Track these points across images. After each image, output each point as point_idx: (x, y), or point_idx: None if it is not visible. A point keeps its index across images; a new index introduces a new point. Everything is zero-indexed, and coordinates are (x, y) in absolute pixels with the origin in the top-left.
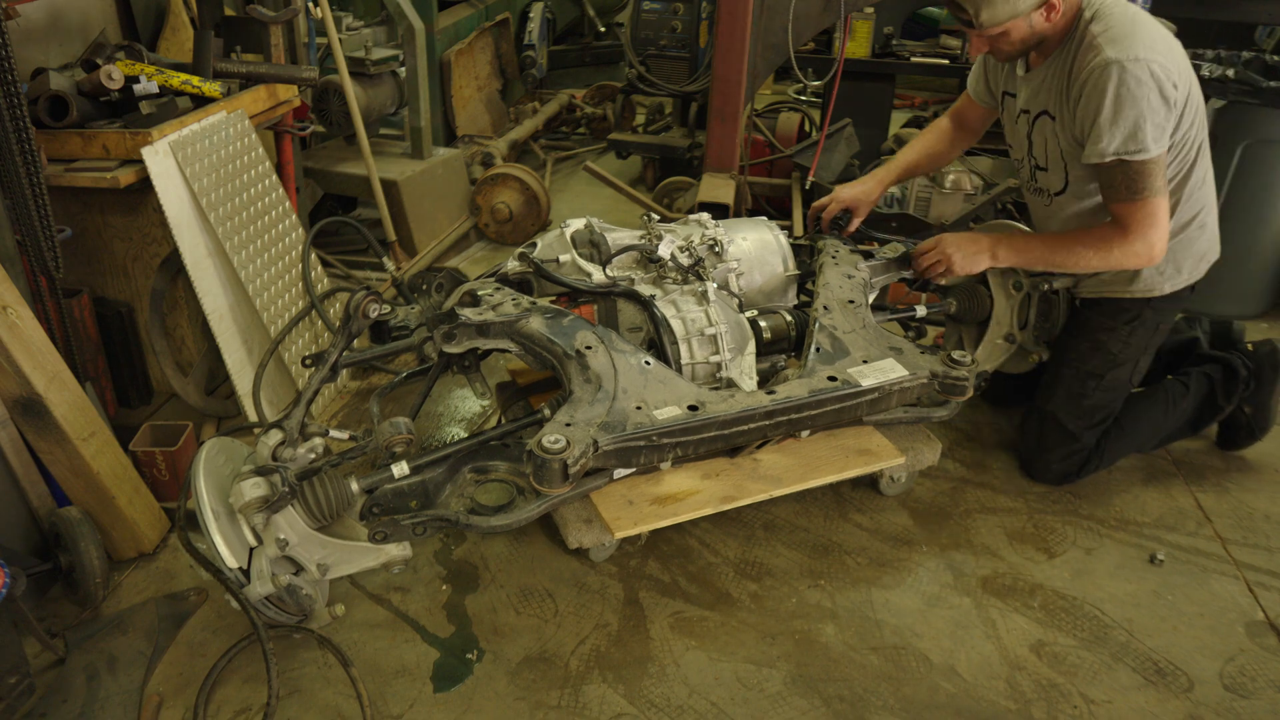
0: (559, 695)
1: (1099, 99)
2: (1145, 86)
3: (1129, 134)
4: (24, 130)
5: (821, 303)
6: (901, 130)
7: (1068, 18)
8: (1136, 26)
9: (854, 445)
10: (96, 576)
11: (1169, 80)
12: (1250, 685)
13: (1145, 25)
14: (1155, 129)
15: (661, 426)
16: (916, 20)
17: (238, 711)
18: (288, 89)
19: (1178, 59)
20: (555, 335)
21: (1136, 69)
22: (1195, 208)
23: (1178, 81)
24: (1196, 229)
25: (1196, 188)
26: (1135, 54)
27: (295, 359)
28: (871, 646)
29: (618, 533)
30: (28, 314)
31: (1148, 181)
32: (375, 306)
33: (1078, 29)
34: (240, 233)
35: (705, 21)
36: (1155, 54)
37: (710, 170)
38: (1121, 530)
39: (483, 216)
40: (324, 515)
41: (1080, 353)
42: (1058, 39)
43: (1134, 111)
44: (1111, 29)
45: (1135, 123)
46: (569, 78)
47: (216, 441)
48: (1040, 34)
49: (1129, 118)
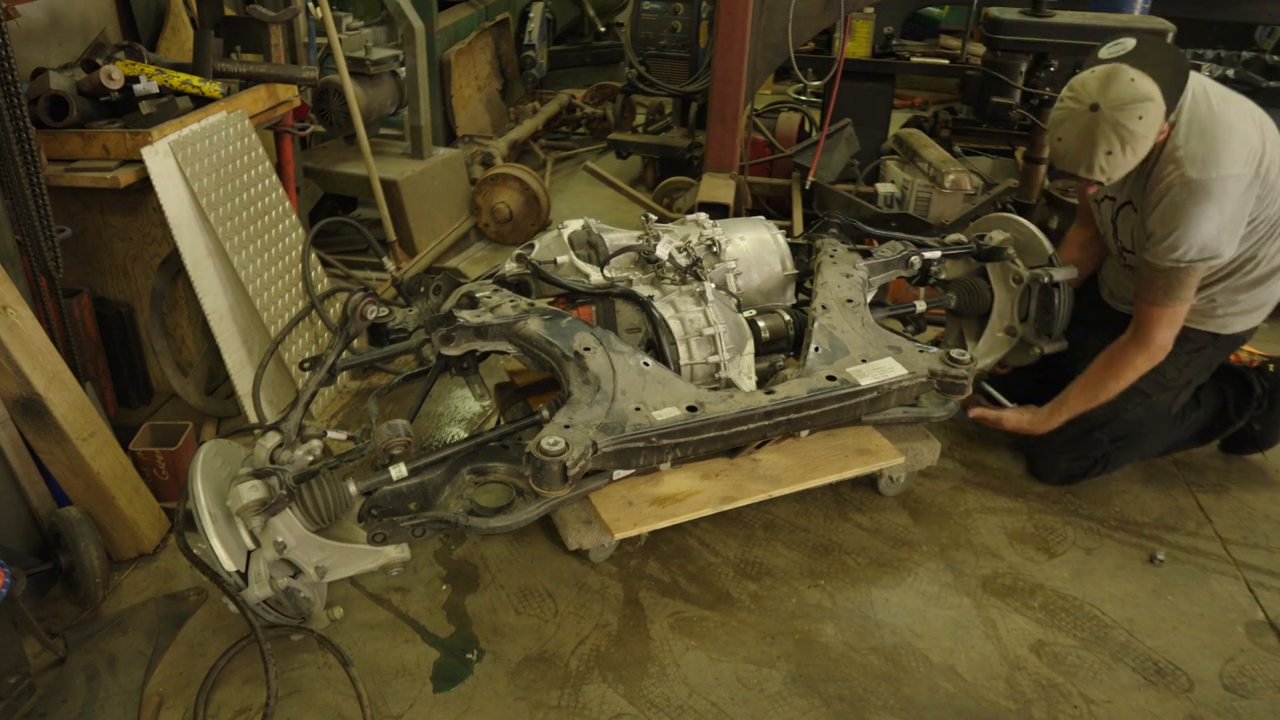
0: (559, 695)
1: (1175, 215)
2: (1222, 201)
3: (1203, 245)
4: (24, 130)
5: (820, 302)
6: (901, 130)
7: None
8: (1216, 140)
9: (853, 445)
10: (96, 576)
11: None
12: (1250, 685)
13: (1225, 133)
14: (1230, 236)
15: (661, 427)
16: (916, 20)
17: (238, 711)
18: (288, 89)
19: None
20: (553, 337)
21: (1216, 187)
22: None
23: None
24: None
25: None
26: (1215, 173)
27: (295, 359)
28: (871, 646)
29: (617, 534)
30: (28, 314)
31: (1185, 290)
32: (373, 308)
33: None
34: (240, 233)
35: (705, 21)
36: (1234, 167)
37: (710, 170)
38: (1121, 530)
39: (483, 216)
40: (322, 518)
41: None
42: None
43: (1210, 225)
44: (1190, 142)
45: (1211, 234)
46: (569, 78)
47: (214, 444)
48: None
49: (1205, 231)
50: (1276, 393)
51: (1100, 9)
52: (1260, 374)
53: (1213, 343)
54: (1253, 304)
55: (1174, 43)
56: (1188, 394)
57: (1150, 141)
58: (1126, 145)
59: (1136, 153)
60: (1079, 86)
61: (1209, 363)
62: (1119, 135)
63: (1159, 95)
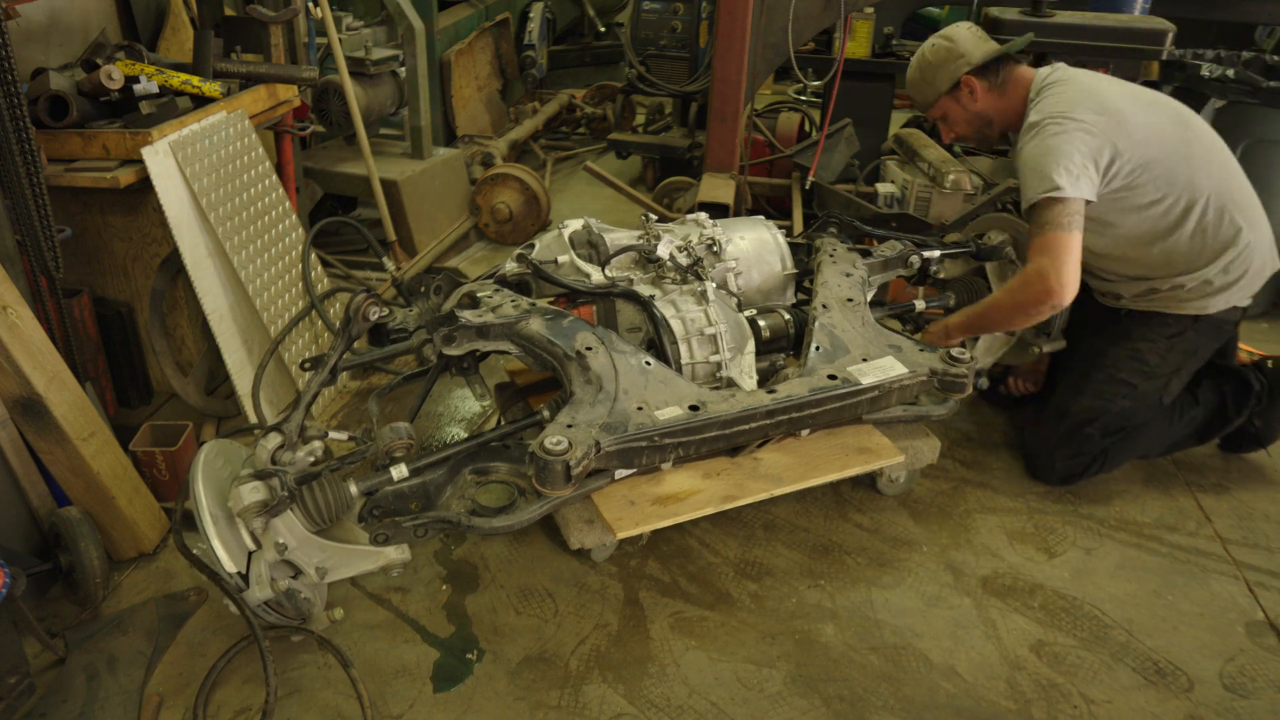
0: (559, 695)
1: (1019, 157)
2: (1058, 138)
3: (1042, 175)
4: (24, 130)
5: (820, 301)
6: (901, 130)
7: (1011, 99)
8: (1059, 95)
9: (854, 444)
10: (96, 576)
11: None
12: (1250, 685)
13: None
14: (1069, 174)
15: (663, 427)
16: (916, 20)
17: (238, 711)
18: (288, 89)
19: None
20: (555, 336)
21: (1050, 124)
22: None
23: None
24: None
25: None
26: (1049, 113)
27: (295, 359)
28: (871, 646)
29: (620, 533)
30: (28, 314)
31: (1050, 217)
32: (375, 309)
33: (1026, 107)
34: (240, 233)
35: (705, 21)
36: (1072, 110)
37: (710, 170)
38: (1121, 530)
39: (483, 216)
40: (323, 519)
41: (1117, 360)
42: (1015, 120)
43: (1047, 157)
44: (1042, 101)
45: (1048, 168)
46: (569, 78)
47: (215, 444)
48: (978, 113)
49: (1041, 162)
50: (1275, 389)
51: (1100, 9)
52: (1258, 370)
53: (1194, 326)
54: (1229, 280)
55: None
56: (1178, 383)
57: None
58: (919, 67)
59: (923, 76)
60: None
61: (1193, 347)
62: (919, 58)
63: (965, 44)
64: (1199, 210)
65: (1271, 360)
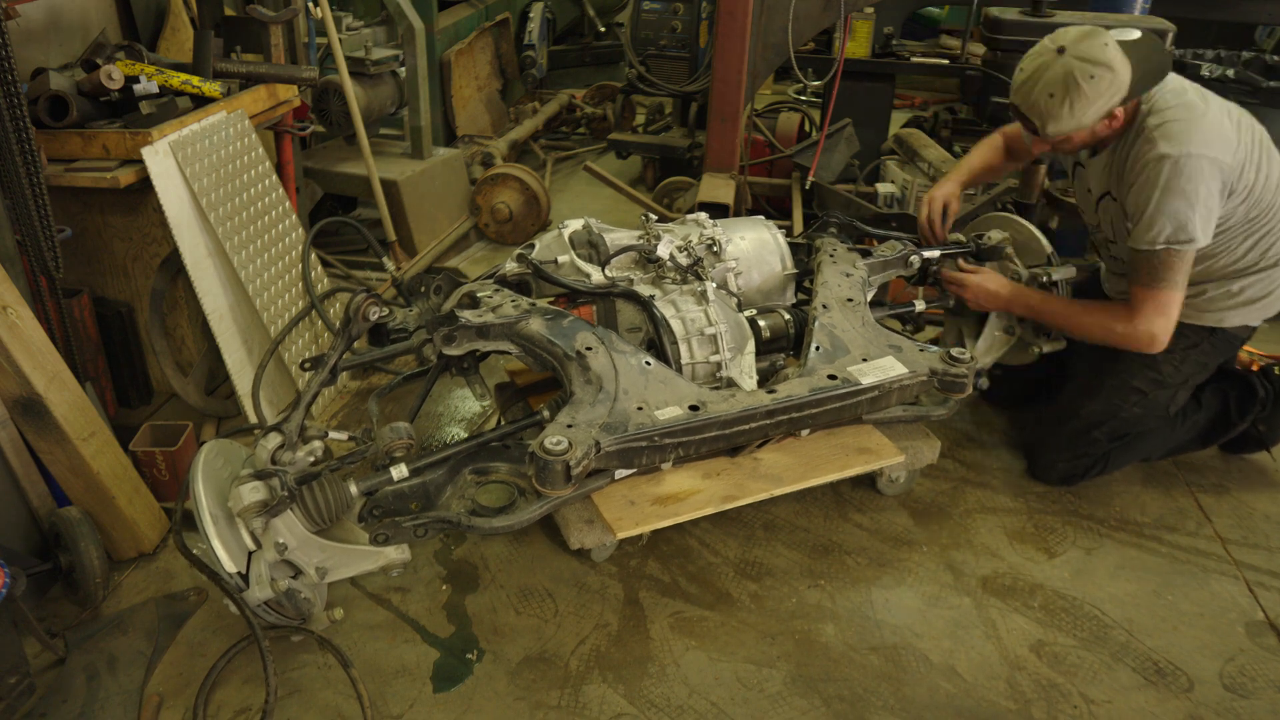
0: (559, 695)
1: (1150, 191)
2: (1196, 180)
3: (1179, 225)
4: (24, 130)
5: (820, 301)
6: (901, 130)
7: (1128, 118)
8: (1192, 122)
9: (854, 444)
10: (96, 576)
11: (1222, 172)
12: (1250, 685)
13: (1201, 119)
14: (1204, 221)
15: (663, 427)
16: (916, 20)
17: (238, 711)
18: (288, 89)
19: (1232, 145)
20: (555, 336)
21: (1189, 165)
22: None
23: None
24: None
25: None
26: (1189, 150)
27: (295, 359)
28: (871, 646)
29: (620, 533)
30: (28, 314)
31: (1170, 274)
32: (375, 309)
33: (1138, 121)
34: (240, 233)
35: (705, 21)
36: (1209, 149)
37: (710, 170)
38: (1121, 530)
39: (483, 216)
40: (323, 519)
41: (1131, 367)
42: (1118, 135)
43: (1184, 204)
44: (1167, 124)
45: (1185, 217)
46: (569, 78)
47: (215, 444)
48: (1101, 137)
49: (1179, 212)
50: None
51: (1100, 9)
52: (1264, 376)
53: (1209, 338)
54: (1250, 297)
55: (1173, 43)
56: (1186, 393)
57: (1094, 108)
58: (1068, 97)
59: (1074, 111)
60: (1061, 33)
61: (1206, 360)
62: (1066, 85)
63: (1122, 71)
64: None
65: (1278, 366)
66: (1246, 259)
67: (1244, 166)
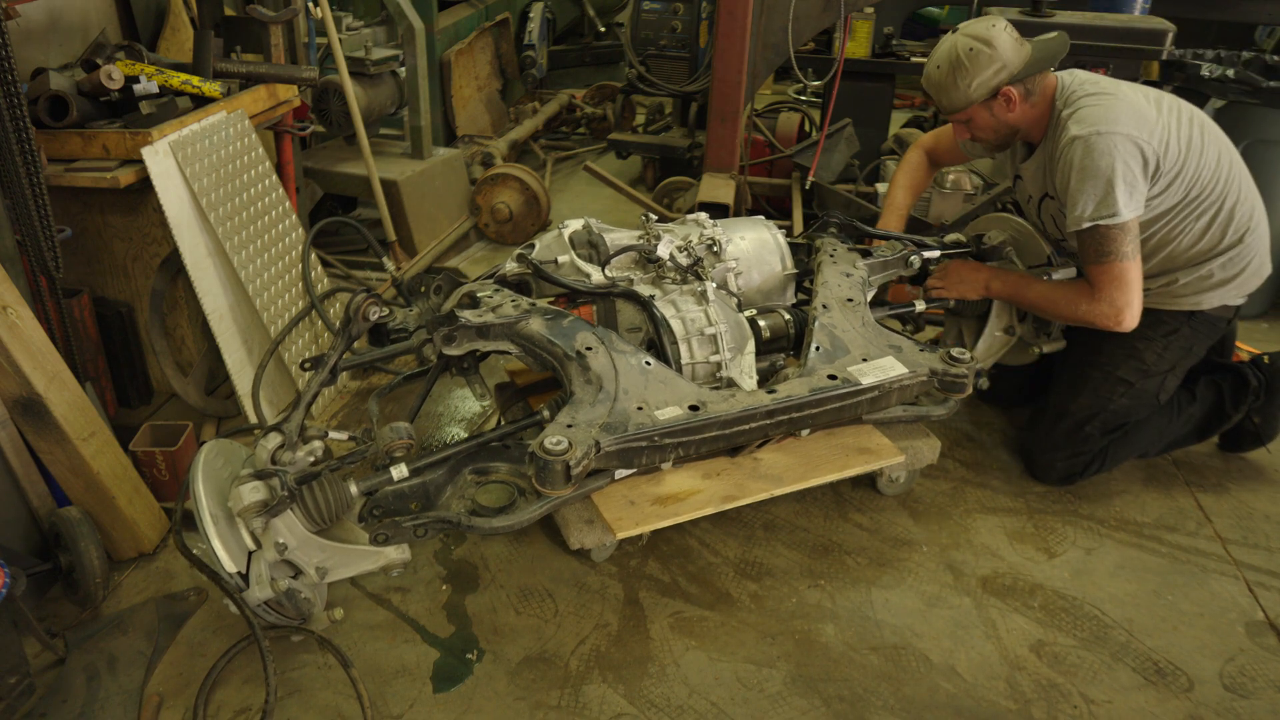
0: (559, 695)
1: (1069, 172)
2: (1110, 155)
3: (1100, 200)
4: (24, 130)
5: (820, 301)
6: (901, 130)
7: (1039, 109)
8: (1099, 106)
9: (854, 444)
10: (96, 576)
11: (1139, 147)
12: (1250, 685)
13: (1110, 100)
14: (1126, 194)
15: (663, 427)
16: (916, 20)
17: (237, 712)
18: (288, 89)
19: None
20: (555, 336)
21: (1100, 141)
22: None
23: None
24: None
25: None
26: (1098, 128)
27: (295, 359)
28: (871, 646)
29: (620, 533)
30: (28, 314)
31: (1114, 246)
32: (375, 309)
33: (1054, 117)
34: (240, 233)
35: (705, 21)
36: (1118, 125)
37: (710, 170)
38: (1121, 530)
39: (483, 216)
40: (323, 519)
41: (1114, 358)
42: (1039, 129)
43: (1102, 180)
44: (1078, 110)
45: (1104, 190)
46: (569, 78)
47: (215, 444)
48: (1009, 123)
49: (1098, 186)
50: (1273, 384)
51: (1100, 9)
52: (1255, 366)
53: (1188, 322)
54: (1223, 278)
55: (1173, 43)
56: (1174, 380)
57: (976, 80)
58: (954, 70)
59: (958, 83)
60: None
61: (1190, 344)
62: (951, 58)
63: (1005, 51)
64: (1213, 212)
65: (1268, 356)
66: (1206, 240)
67: (1168, 143)
